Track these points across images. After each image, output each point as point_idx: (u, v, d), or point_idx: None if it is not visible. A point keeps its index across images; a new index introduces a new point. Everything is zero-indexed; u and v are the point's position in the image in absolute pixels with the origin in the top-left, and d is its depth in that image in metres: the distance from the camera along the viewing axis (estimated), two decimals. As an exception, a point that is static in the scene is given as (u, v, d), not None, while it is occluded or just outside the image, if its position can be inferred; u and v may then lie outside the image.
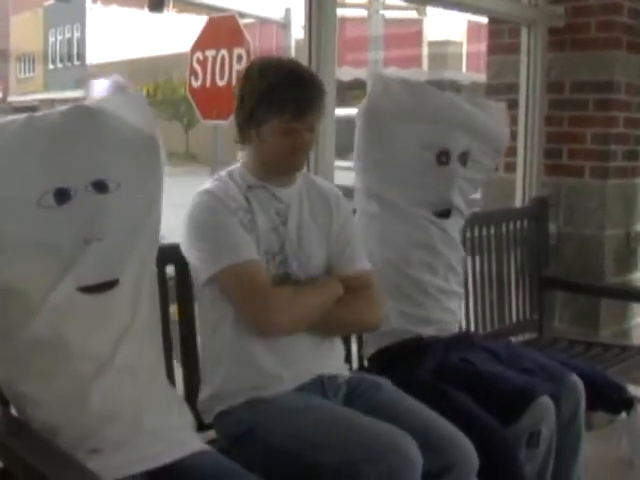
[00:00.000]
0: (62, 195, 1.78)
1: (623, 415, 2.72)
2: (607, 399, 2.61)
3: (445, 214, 2.73)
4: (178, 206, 2.18)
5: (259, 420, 2.03)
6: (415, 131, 2.66)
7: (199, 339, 2.26)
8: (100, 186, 1.83)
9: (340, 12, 2.87)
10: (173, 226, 2.22)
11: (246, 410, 2.07)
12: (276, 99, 2.11)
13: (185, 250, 2.17)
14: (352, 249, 2.29)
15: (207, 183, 2.20)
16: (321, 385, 2.15)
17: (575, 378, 2.50)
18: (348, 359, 2.59)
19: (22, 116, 1.86)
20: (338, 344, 2.31)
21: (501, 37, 3.92)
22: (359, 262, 2.29)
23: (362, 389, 2.19)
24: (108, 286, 1.83)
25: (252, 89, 2.15)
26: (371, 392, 2.18)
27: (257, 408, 2.06)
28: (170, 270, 2.26)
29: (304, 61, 2.74)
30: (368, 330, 2.55)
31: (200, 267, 2.13)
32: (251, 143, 2.19)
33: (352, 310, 2.23)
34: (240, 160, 2.25)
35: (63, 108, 1.90)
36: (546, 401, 2.34)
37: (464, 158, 2.72)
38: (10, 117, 1.87)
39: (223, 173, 2.23)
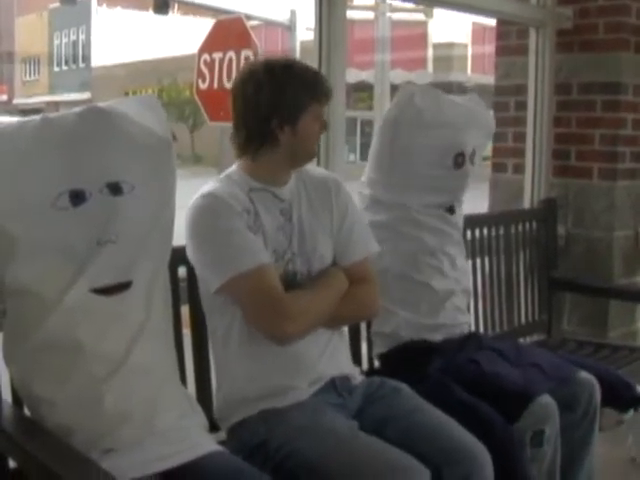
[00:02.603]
0: (77, 197, 1.78)
1: (631, 413, 2.72)
2: (617, 396, 2.61)
3: (451, 210, 2.75)
4: (184, 208, 2.12)
5: (273, 435, 2.01)
6: (436, 138, 2.66)
7: (210, 346, 2.24)
8: (115, 188, 1.82)
9: (347, 14, 2.87)
10: (179, 228, 2.16)
11: (260, 422, 2.05)
12: (311, 84, 2.13)
13: (191, 257, 2.12)
14: (355, 240, 2.26)
15: (207, 185, 2.13)
16: (334, 387, 2.15)
17: (585, 374, 2.51)
18: (358, 360, 2.60)
19: (37, 117, 1.85)
20: (345, 342, 2.31)
21: (509, 38, 3.93)
22: (360, 251, 2.27)
23: (382, 393, 2.19)
24: (122, 288, 1.83)
25: (277, 86, 2.08)
26: (391, 397, 2.18)
27: (271, 421, 2.04)
28: (182, 271, 2.24)
29: (314, 63, 2.76)
30: (365, 319, 2.59)
31: (209, 275, 2.08)
32: (275, 145, 2.11)
33: (351, 302, 2.21)
34: (237, 164, 2.20)
35: (78, 109, 1.90)
36: (547, 400, 2.33)
37: (473, 157, 2.73)
38: (25, 118, 1.87)
39: (221, 177, 2.18)
